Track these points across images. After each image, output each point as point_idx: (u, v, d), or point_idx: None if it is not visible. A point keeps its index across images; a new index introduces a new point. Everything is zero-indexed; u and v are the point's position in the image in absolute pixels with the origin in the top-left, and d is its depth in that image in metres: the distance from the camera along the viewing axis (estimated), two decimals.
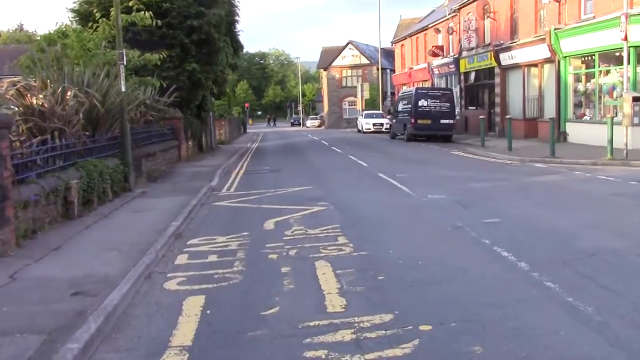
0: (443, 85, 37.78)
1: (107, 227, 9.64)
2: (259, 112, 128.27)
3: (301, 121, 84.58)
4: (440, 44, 39.34)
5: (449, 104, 30.01)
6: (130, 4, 19.04)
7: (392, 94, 59.04)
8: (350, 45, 68.29)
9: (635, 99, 16.54)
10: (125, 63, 13.83)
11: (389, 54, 70.59)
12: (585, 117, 22.75)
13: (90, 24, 16.29)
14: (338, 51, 69.29)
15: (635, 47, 19.10)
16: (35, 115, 10.61)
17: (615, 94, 20.49)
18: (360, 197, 12.19)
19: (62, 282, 6.30)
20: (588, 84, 22.57)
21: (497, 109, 30.26)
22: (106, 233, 9.12)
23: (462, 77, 35.66)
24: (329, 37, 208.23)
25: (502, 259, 6.93)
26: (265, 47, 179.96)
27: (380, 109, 54.22)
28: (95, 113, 12.32)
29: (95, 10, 19.47)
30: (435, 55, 38.91)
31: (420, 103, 29.81)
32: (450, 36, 37.22)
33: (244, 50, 28.71)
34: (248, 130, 65.97)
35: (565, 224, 8.77)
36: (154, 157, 17.82)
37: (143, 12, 16.26)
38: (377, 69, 66.08)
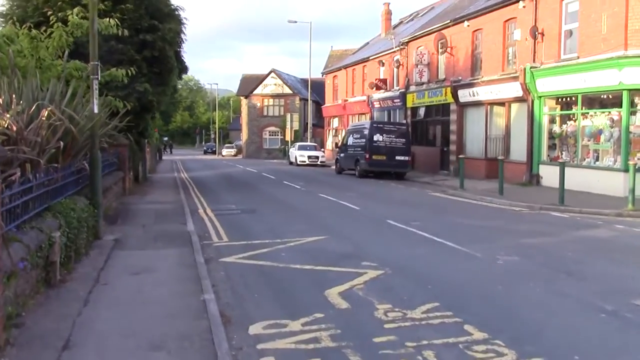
0: (386, 120, 36.41)
1: (114, 302, 6.89)
2: (166, 138, 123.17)
3: (216, 149, 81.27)
4: (382, 77, 38.09)
5: (404, 140, 28.53)
6: (75, 10, 16.04)
7: (314, 125, 57.40)
8: (272, 74, 66.40)
9: None
10: (99, 78, 11.05)
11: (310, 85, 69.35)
12: (561, 160, 21.68)
13: (43, 29, 13.17)
14: (260, 79, 67.21)
15: (630, 89, 18.25)
16: None
17: (602, 138, 19.56)
18: (408, 255, 9.97)
19: None
20: (565, 125, 21.64)
21: (452, 147, 29.06)
22: (121, 314, 6.40)
23: (408, 112, 34.42)
24: (235, 66, 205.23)
25: None
26: None
27: (301, 140, 52.41)
28: (69, 139, 9.43)
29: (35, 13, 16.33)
30: (378, 88, 37.60)
31: (375, 138, 28.14)
32: (396, 69, 36.05)
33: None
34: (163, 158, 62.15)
35: None
36: (108, 192, 14.81)
37: (108, 20, 13.37)
38: (299, 99, 64.92)
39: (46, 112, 8.28)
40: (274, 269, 8.95)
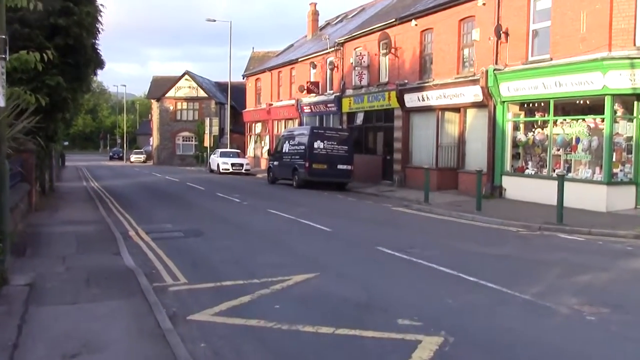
0: (318, 125, 33.90)
1: None
2: (66, 143, 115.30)
3: (124, 155, 76.10)
4: (313, 79, 35.62)
5: (346, 147, 26.16)
6: None
7: (231, 130, 53.99)
8: (187, 76, 62.50)
9: None
10: (7, 59, 7.88)
11: (224, 89, 65.85)
12: (527, 171, 20.01)
13: None
14: (172, 82, 63.13)
15: (614, 94, 16.66)
16: None
17: (580, 147, 17.89)
18: (456, 307, 7.35)
19: None
20: (531, 133, 19.93)
21: (397, 156, 26.96)
22: None
23: (344, 118, 32.10)
24: (137, 70, 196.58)
25: None
26: None
27: (218, 146, 49.11)
28: None
29: None
30: (309, 91, 35.09)
31: (315, 145, 25.61)
32: (330, 72, 33.68)
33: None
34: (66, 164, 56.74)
35: None
36: (12, 213, 11.38)
37: None
38: (215, 104, 61.50)
39: None
40: (277, 336, 6.14)
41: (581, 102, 17.98)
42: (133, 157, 70.32)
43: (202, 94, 61.80)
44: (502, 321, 6.72)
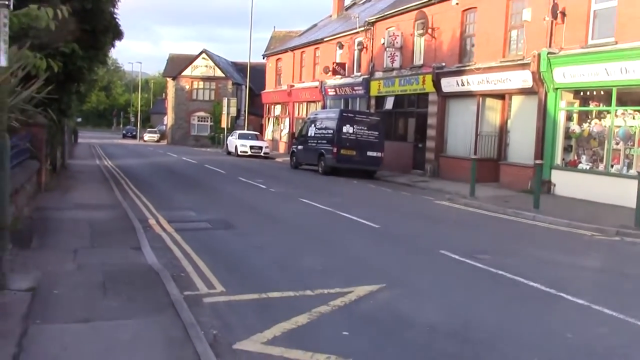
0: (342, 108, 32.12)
1: None
2: (79, 119, 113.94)
3: (137, 133, 74.67)
4: (340, 61, 33.82)
5: (377, 133, 24.46)
6: None
7: (248, 112, 52.20)
8: (204, 55, 60.69)
9: None
10: (11, 7, 6.36)
11: (241, 69, 64.08)
12: (580, 165, 18.28)
13: None
14: (189, 60, 61.31)
15: None
16: None
17: None
18: (578, 346, 5.75)
19: None
20: (586, 124, 18.16)
21: (430, 144, 25.24)
22: None
23: (372, 102, 30.34)
24: (150, 49, 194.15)
25: None
26: None
27: (235, 127, 47.52)
28: None
29: None
30: (335, 73, 33.32)
31: (344, 129, 23.92)
32: (358, 53, 31.90)
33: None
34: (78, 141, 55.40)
35: None
36: (17, 195, 9.86)
37: None
38: (232, 84, 59.82)
39: None
40: None
41: None
42: (147, 136, 68.83)
43: (219, 73, 60.07)
44: None
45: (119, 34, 18.69)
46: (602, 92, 17.65)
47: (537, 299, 7.07)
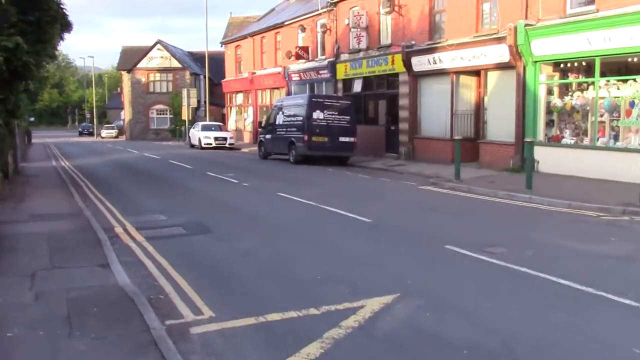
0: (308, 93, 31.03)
1: None
2: (32, 119, 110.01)
3: (94, 130, 72.27)
4: (302, 44, 32.63)
5: (349, 118, 23.48)
6: None
7: (207, 102, 50.46)
8: (158, 46, 58.73)
9: None
10: None
11: (198, 59, 62.24)
12: (564, 140, 17.62)
13: None
14: (144, 52, 59.19)
15: None
16: None
17: (635, 111, 15.50)
18: None
19: None
20: (568, 97, 17.48)
21: (403, 126, 24.37)
22: None
23: (339, 85, 29.30)
24: (102, 43, 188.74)
25: None
26: None
27: (196, 119, 46.00)
28: None
29: None
30: (298, 57, 32.13)
31: (315, 115, 22.87)
32: (321, 35, 30.77)
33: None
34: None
35: None
36: None
37: None
38: (190, 74, 58.12)
39: None
40: None
41: (636, 59, 15.50)
42: (104, 133, 66.62)
43: (175, 64, 58.25)
44: None
45: (67, 26, 17.13)
46: (583, 63, 16.98)
47: (576, 300, 6.18)
